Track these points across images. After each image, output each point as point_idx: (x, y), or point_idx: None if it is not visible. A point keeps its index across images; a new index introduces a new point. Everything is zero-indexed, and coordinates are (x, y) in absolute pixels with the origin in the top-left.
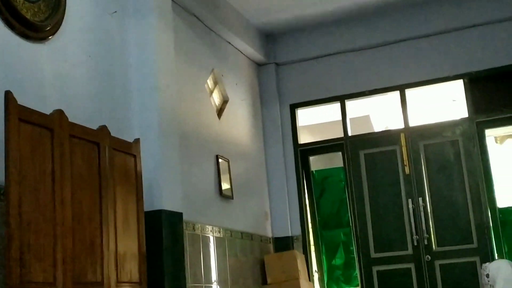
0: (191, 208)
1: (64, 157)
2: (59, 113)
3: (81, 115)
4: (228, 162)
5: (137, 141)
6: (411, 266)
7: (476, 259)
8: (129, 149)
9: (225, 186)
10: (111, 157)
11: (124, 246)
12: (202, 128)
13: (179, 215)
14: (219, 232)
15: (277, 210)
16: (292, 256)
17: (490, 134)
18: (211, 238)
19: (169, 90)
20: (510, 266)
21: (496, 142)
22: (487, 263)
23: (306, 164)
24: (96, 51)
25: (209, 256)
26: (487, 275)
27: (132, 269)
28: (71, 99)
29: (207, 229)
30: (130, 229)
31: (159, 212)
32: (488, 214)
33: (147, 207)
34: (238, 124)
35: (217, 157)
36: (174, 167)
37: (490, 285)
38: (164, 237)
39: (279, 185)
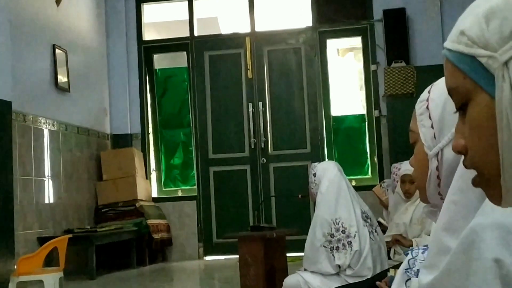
0: (22, 99)
1: None
2: None
3: None
4: (66, 53)
5: None
6: (247, 167)
7: (308, 163)
8: None
9: (62, 78)
10: None
11: None
12: (38, 14)
13: (8, 104)
14: (53, 125)
15: (117, 106)
16: (129, 153)
17: (332, 45)
18: (45, 131)
19: None
20: (337, 167)
21: (338, 55)
22: (316, 163)
23: (149, 62)
24: None
25: (42, 149)
26: (314, 175)
27: None
28: None
29: (40, 121)
30: None
31: None
32: (322, 121)
33: None
34: (79, 14)
35: (53, 47)
36: (4, 53)
37: (316, 184)
38: None
39: (120, 82)
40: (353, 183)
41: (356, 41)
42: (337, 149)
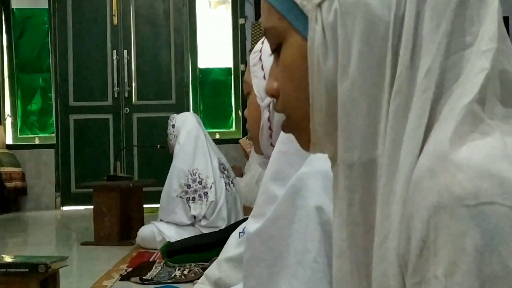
0: None
1: None
2: None
3: None
4: None
5: None
6: (110, 117)
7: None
8: None
9: None
10: None
11: None
12: None
13: None
14: None
15: None
16: None
17: None
18: None
19: None
20: (195, 119)
21: (210, 7)
22: (175, 115)
23: (5, 0)
24: None
25: None
26: (173, 126)
27: None
28: None
29: None
30: None
31: None
32: (189, 73)
33: None
34: None
35: None
36: None
37: (174, 135)
38: None
39: None
40: (217, 136)
41: None
42: (203, 102)
